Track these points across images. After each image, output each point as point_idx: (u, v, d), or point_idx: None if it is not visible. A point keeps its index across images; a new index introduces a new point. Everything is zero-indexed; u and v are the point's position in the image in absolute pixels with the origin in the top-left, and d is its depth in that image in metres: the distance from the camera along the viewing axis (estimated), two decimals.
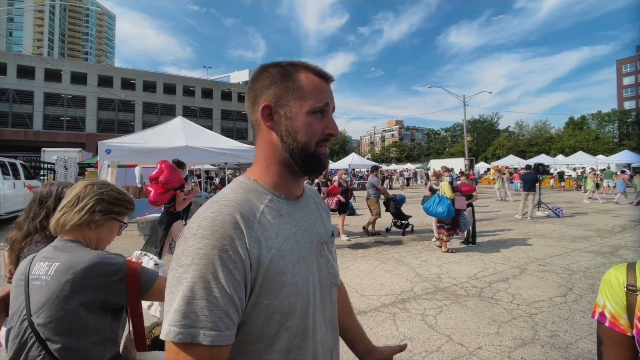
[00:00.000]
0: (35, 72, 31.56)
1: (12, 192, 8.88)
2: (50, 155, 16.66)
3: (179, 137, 6.72)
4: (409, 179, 29.67)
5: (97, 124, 34.17)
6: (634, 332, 0.75)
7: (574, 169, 27.49)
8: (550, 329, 3.05)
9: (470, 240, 6.51)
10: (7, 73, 30.70)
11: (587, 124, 52.48)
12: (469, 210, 6.60)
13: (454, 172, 9.54)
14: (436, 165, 24.70)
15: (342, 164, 22.86)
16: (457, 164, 23.95)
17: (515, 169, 26.12)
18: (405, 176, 29.32)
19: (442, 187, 6.19)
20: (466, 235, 6.53)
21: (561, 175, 23.44)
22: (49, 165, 15.28)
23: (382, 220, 8.03)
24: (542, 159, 27.00)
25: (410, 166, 42.19)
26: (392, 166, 45.29)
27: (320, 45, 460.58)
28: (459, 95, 26.01)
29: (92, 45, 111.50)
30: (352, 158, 23.57)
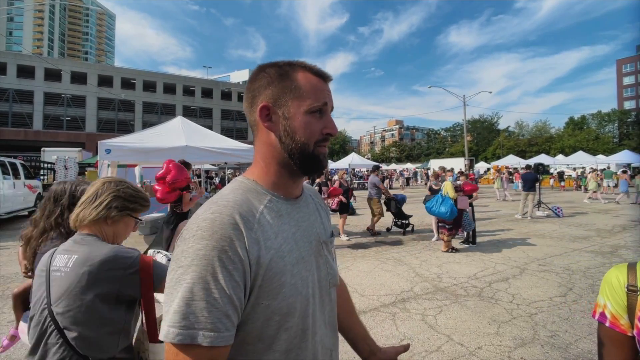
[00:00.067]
0: (35, 71, 31.58)
1: (12, 192, 8.87)
2: (50, 155, 16.67)
3: (178, 137, 6.70)
4: (408, 178, 29.71)
5: (97, 123, 34.19)
6: (635, 332, 0.75)
7: (574, 169, 27.52)
8: (550, 329, 3.05)
9: (470, 240, 6.51)
10: (7, 73, 30.72)
11: (587, 124, 52.49)
12: (469, 210, 6.59)
13: (454, 172, 9.53)
14: (436, 165, 24.69)
15: (342, 163, 22.82)
16: (457, 164, 23.94)
17: (515, 168, 26.13)
18: (405, 176, 29.36)
19: (444, 187, 6.15)
20: (466, 235, 6.53)
21: (561, 175, 23.48)
22: (49, 165, 15.29)
23: (382, 220, 8.01)
24: (542, 158, 26.98)
25: (410, 166, 42.15)
26: (392, 166, 45.24)
27: (320, 45, 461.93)
28: (459, 95, 26.05)
29: (92, 45, 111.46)
30: (352, 158, 23.53)
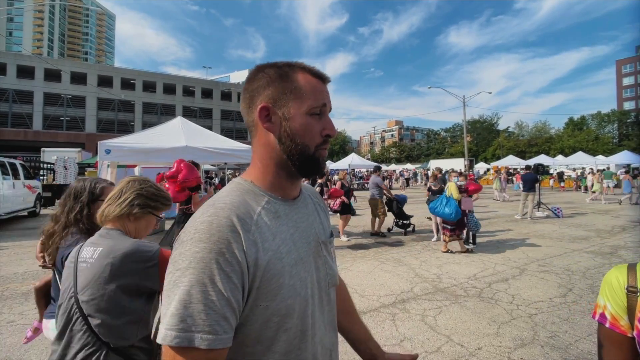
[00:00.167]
0: (35, 72, 31.57)
1: (11, 192, 8.87)
2: (50, 155, 16.65)
3: (178, 137, 6.70)
4: (408, 179, 29.71)
5: (97, 124, 34.18)
6: (635, 333, 0.75)
7: (574, 170, 27.52)
8: (549, 330, 3.04)
9: (470, 240, 6.51)
10: (7, 73, 30.72)
11: (587, 125, 52.53)
12: (473, 210, 6.57)
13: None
14: (436, 166, 24.69)
15: (342, 164, 22.80)
16: (457, 164, 23.98)
17: (515, 169, 26.14)
18: (405, 176, 29.36)
19: (449, 187, 6.14)
20: (466, 235, 6.53)
21: (561, 175, 23.47)
22: (49, 165, 15.25)
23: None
24: (542, 159, 27.06)
25: (410, 166, 42.16)
26: (392, 166, 45.24)
27: (319, 45, 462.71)
28: (458, 95, 26.09)
29: (92, 45, 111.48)
30: (352, 158, 23.52)
